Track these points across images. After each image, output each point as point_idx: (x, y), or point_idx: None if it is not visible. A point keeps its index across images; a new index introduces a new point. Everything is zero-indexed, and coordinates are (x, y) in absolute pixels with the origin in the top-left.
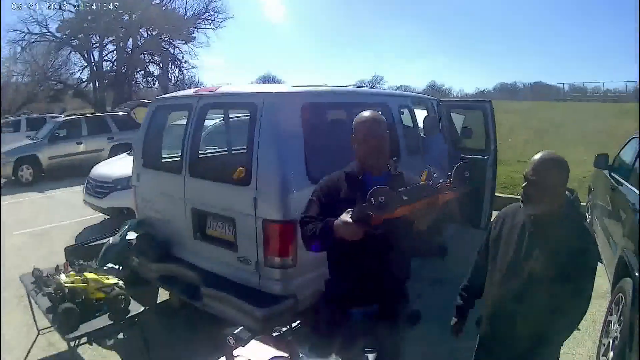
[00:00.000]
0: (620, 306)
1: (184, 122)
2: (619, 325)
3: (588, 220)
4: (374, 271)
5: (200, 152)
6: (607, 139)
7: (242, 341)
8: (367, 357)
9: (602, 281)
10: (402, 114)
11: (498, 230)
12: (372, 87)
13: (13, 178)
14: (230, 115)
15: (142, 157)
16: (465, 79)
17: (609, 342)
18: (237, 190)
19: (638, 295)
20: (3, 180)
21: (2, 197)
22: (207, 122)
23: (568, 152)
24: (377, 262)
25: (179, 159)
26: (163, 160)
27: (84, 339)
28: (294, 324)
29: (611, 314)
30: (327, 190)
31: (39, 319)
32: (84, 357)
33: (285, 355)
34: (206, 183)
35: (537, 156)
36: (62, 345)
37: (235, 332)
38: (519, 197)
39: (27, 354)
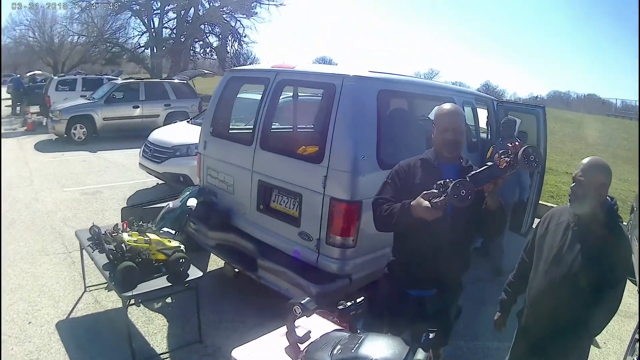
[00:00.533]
0: None
1: (253, 95)
2: None
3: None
4: (436, 258)
5: (272, 126)
6: None
7: (307, 311)
8: (428, 335)
9: (632, 301)
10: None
11: (545, 228)
12: (428, 79)
13: (65, 136)
14: (300, 94)
15: (212, 125)
16: (519, 83)
17: None
18: (307, 167)
19: None
20: (55, 137)
21: (53, 154)
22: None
23: (615, 168)
24: (440, 250)
25: (251, 131)
26: (232, 131)
27: (132, 300)
28: (358, 300)
29: (638, 333)
30: (404, 174)
31: (88, 276)
32: (130, 317)
33: (345, 329)
34: (277, 157)
35: (586, 160)
36: (109, 304)
37: (302, 302)
38: None
39: (73, 308)
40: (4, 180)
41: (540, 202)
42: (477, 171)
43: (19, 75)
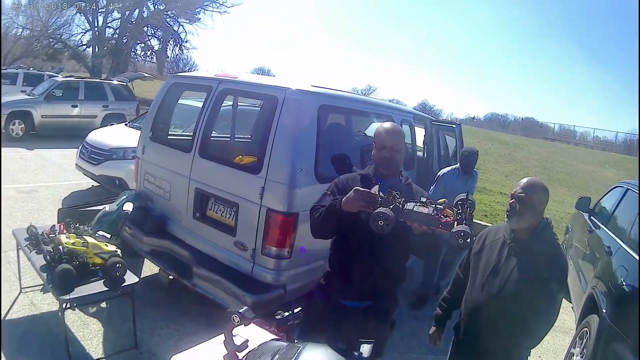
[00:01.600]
0: (585, 340)
1: (193, 102)
2: (582, 357)
3: None
4: (370, 270)
5: (212, 135)
6: (590, 183)
7: (245, 320)
8: (362, 347)
9: (567, 317)
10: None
11: (480, 245)
12: (365, 95)
13: (4, 131)
14: (239, 103)
15: (151, 130)
16: (456, 104)
17: None
18: (245, 177)
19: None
20: None
21: None
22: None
23: (552, 190)
24: (374, 262)
25: (190, 138)
26: (171, 137)
27: (68, 303)
28: (296, 310)
29: (574, 347)
30: (342, 187)
31: (22, 277)
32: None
33: (282, 339)
34: (215, 165)
35: (526, 179)
36: (44, 306)
37: (240, 311)
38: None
39: (8, 311)
40: None
41: (475, 221)
42: (414, 209)
43: None
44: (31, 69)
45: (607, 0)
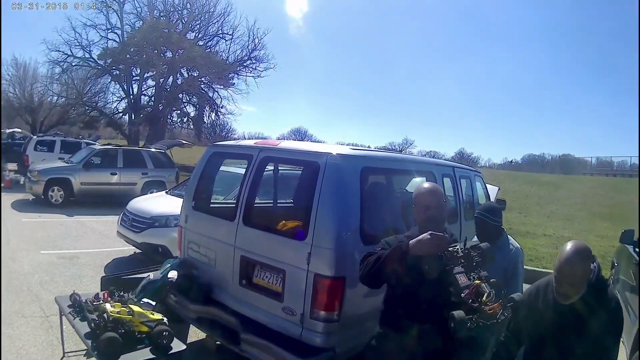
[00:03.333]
0: None
1: (235, 169)
2: None
3: None
4: (425, 332)
5: (255, 202)
6: (632, 214)
7: None
8: None
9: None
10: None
11: (532, 300)
12: (401, 150)
13: (42, 197)
14: (280, 168)
15: (193, 199)
16: (493, 149)
17: None
18: (291, 244)
19: None
20: (32, 198)
21: (30, 214)
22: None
23: (593, 225)
24: (430, 323)
25: (234, 206)
26: (214, 205)
27: None
28: None
29: None
30: (391, 243)
31: (65, 342)
32: None
33: None
34: (259, 233)
35: (564, 253)
36: None
37: None
38: (542, 269)
39: None
40: None
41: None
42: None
43: None
44: (66, 136)
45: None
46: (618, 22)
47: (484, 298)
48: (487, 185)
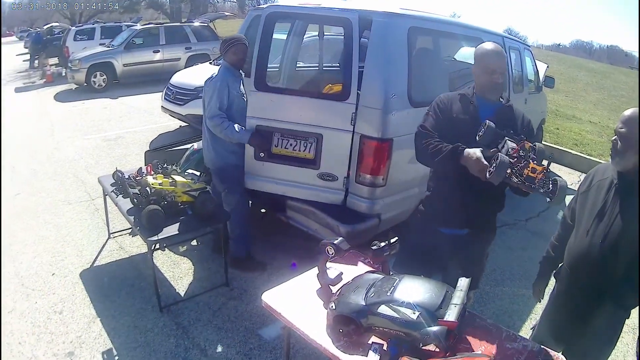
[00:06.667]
0: None
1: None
2: None
3: None
4: (472, 196)
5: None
6: None
7: (341, 252)
8: (460, 280)
9: None
10: None
11: (587, 185)
12: None
13: (85, 84)
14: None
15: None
16: (541, 31)
17: None
18: (331, 106)
19: None
20: (75, 87)
21: (73, 102)
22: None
23: None
24: (477, 189)
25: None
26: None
27: (157, 244)
28: (392, 240)
29: None
30: (444, 106)
31: (111, 222)
32: (155, 262)
33: (377, 271)
34: (279, 97)
35: (629, 111)
36: (133, 249)
37: (335, 242)
38: (587, 155)
39: (97, 256)
40: (24, 133)
41: (565, 149)
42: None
43: (38, 30)
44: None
45: None
46: None
47: (528, 152)
48: (536, 61)
